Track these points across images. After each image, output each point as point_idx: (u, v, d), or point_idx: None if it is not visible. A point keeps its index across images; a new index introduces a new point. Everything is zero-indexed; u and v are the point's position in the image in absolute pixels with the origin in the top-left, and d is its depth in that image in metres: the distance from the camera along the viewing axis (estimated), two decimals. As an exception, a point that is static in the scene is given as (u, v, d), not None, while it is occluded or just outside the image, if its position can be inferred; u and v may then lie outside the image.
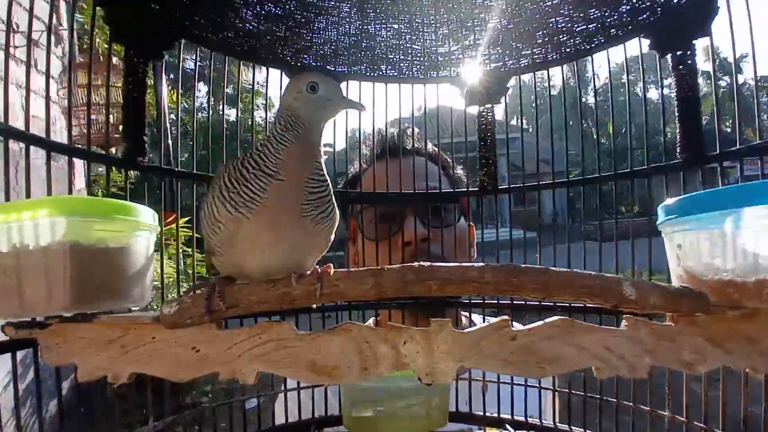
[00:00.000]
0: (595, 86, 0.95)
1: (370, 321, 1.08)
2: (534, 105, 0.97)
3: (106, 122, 0.79)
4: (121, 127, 0.71)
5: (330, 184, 0.56)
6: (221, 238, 0.53)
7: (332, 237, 0.57)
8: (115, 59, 0.72)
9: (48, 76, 0.65)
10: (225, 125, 1.02)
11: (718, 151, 0.69)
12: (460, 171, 1.11)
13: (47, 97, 0.61)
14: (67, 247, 0.47)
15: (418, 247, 0.96)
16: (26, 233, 0.46)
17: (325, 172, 0.56)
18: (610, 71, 0.89)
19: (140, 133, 0.70)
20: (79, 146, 0.64)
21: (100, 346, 0.51)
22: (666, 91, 0.77)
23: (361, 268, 0.94)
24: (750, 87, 0.76)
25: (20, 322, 0.50)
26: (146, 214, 0.55)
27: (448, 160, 1.10)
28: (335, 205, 0.56)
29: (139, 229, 0.54)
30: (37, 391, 0.51)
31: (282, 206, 0.51)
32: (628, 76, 0.90)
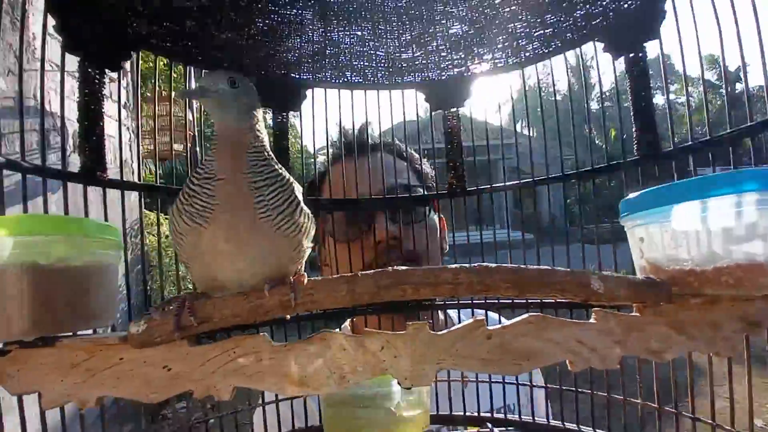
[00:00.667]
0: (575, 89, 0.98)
1: (346, 324, 1.08)
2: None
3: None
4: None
5: (293, 188, 0.53)
6: (187, 251, 0.52)
7: (307, 243, 0.55)
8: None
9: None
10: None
11: (672, 147, 0.73)
12: (427, 167, 1.11)
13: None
14: (24, 269, 0.44)
15: (390, 244, 0.96)
16: (-22, 256, 0.44)
17: (283, 173, 0.53)
18: (599, 77, 0.92)
19: (99, 146, 0.68)
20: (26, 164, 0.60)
21: (64, 371, 0.48)
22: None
23: (333, 269, 0.94)
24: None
25: (-26, 351, 0.47)
26: (108, 231, 0.53)
27: (415, 154, 1.10)
28: (304, 210, 0.54)
29: (102, 247, 0.52)
30: (21, 414, 0.48)
31: (234, 209, 0.49)
32: (585, 81, 0.94)
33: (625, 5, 0.79)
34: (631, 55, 0.78)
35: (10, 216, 0.47)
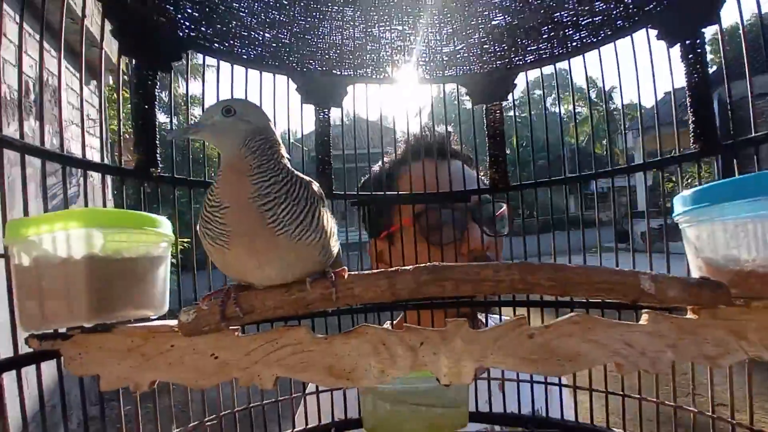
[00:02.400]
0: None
1: (386, 325, 1.08)
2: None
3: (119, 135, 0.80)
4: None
5: (307, 194, 0.53)
6: (218, 264, 0.54)
7: (333, 242, 0.55)
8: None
9: (60, 92, 0.66)
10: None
11: (732, 140, 0.68)
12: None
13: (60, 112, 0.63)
14: (85, 259, 0.48)
15: (479, 255, 0.98)
16: (46, 247, 0.47)
17: (295, 184, 0.52)
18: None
19: (152, 144, 0.71)
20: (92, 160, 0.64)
21: (121, 356, 0.51)
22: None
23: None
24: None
25: (43, 334, 0.51)
26: (163, 224, 0.56)
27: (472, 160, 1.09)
28: (322, 213, 0.53)
29: (156, 239, 0.55)
30: (62, 402, 0.52)
31: (248, 232, 0.50)
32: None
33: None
34: (688, 42, 0.73)
35: (73, 210, 0.51)
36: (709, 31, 0.73)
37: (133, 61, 0.72)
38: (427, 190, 0.93)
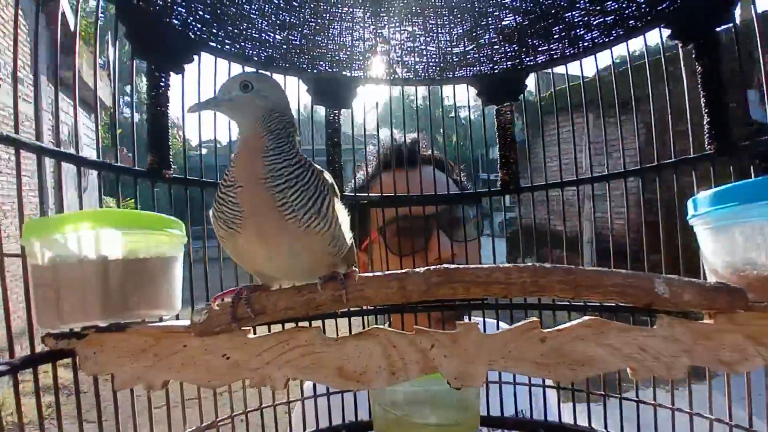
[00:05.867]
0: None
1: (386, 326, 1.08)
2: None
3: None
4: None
5: (318, 183, 0.52)
6: (230, 252, 0.54)
7: (345, 234, 0.55)
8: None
9: (57, 87, 0.67)
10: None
11: (749, 141, 0.67)
12: (462, 177, 1.09)
13: (75, 108, 0.64)
14: (101, 259, 0.48)
15: (445, 263, 0.94)
16: (63, 246, 0.48)
17: (307, 170, 0.52)
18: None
19: (165, 146, 0.72)
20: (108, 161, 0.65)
21: (135, 355, 0.52)
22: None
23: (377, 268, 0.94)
24: None
25: (59, 333, 0.52)
26: (176, 226, 0.56)
27: (452, 165, 1.08)
28: (335, 204, 0.53)
29: (169, 240, 0.56)
30: (77, 401, 0.53)
31: (259, 213, 0.50)
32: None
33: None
34: (702, 41, 0.72)
35: (88, 211, 0.51)
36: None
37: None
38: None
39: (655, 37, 0.80)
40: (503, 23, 0.92)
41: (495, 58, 0.94)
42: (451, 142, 1.13)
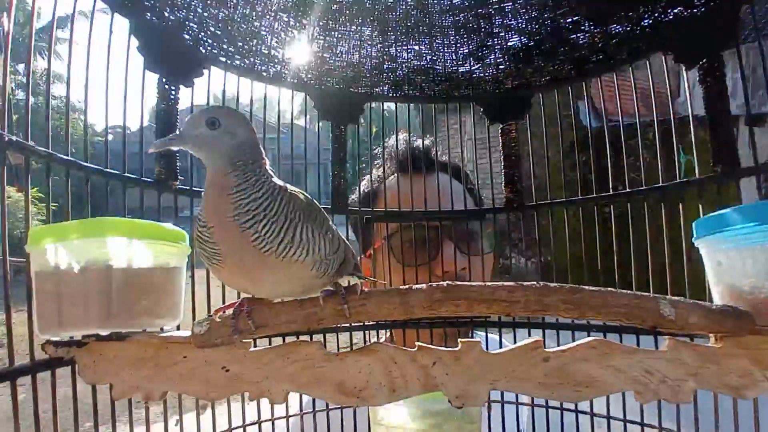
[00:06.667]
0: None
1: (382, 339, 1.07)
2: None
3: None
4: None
5: (288, 210, 0.51)
6: (220, 278, 0.54)
7: (327, 259, 0.53)
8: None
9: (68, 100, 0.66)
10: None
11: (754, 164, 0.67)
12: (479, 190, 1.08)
13: (86, 115, 0.64)
14: (103, 268, 0.48)
15: (457, 275, 0.92)
16: (66, 254, 0.48)
17: (274, 199, 0.51)
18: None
19: (173, 157, 0.73)
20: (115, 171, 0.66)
21: (134, 365, 0.51)
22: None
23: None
24: None
25: (59, 341, 0.51)
26: (179, 235, 0.56)
27: (470, 177, 1.08)
28: (306, 228, 0.51)
29: (173, 251, 0.56)
30: (74, 408, 0.52)
31: (236, 250, 0.49)
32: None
33: (698, 12, 0.74)
34: (706, 64, 0.73)
35: (93, 219, 0.51)
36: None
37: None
38: (415, 208, 0.91)
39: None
40: (509, 44, 0.94)
41: (500, 78, 0.95)
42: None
